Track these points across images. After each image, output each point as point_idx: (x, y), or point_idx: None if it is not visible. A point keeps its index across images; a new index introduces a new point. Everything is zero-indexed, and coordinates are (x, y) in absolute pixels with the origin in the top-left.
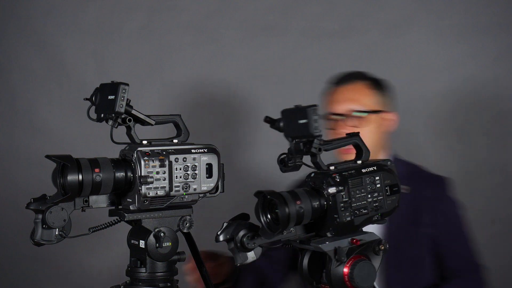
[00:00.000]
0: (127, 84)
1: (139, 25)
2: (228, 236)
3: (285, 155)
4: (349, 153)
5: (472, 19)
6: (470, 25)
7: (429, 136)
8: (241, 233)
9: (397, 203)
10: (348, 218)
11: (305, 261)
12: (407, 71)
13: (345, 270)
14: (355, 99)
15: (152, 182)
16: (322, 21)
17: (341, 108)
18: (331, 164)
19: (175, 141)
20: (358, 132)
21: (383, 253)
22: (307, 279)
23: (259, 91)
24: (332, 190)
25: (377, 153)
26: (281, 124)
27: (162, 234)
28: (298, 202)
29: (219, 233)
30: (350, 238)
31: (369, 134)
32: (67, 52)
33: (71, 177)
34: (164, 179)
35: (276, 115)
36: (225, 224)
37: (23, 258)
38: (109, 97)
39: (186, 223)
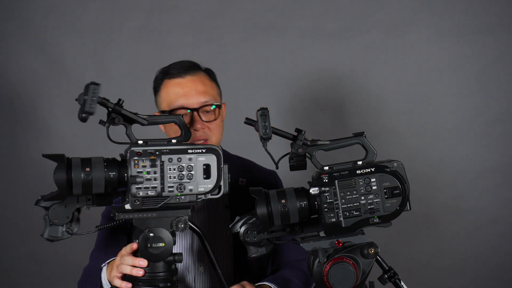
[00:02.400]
0: (97, 84)
1: (139, 25)
2: (237, 230)
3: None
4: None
5: (472, 19)
6: (470, 25)
7: (429, 136)
8: (243, 227)
9: (398, 206)
10: (333, 219)
11: (309, 257)
12: (407, 71)
13: (325, 269)
14: (205, 92)
15: (141, 182)
16: (322, 21)
17: (193, 102)
18: (330, 164)
19: (174, 141)
20: (363, 132)
21: (373, 256)
22: (310, 271)
23: (259, 91)
24: (314, 191)
25: None
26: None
27: (151, 235)
28: (283, 201)
29: (230, 226)
30: (335, 240)
31: (218, 128)
32: (67, 52)
33: (58, 175)
34: (155, 179)
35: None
36: (237, 218)
37: (23, 258)
38: (85, 97)
39: (180, 224)
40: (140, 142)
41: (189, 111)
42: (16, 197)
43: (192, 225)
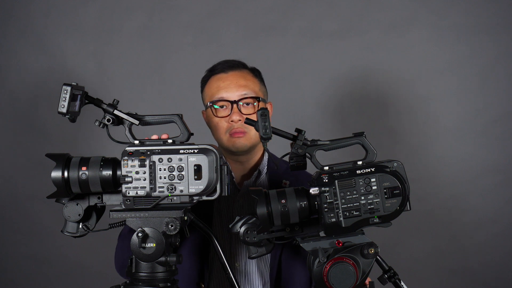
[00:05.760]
0: (69, 85)
1: (139, 25)
2: (237, 230)
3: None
4: (239, 137)
5: (472, 19)
6: (470, 25)
7: (429, 136)
8: (243, 227)
9: (398, 206)
10: (333, 219)
11: (309, 257)
12: (407, 71)
13: (325, 269)
14: (246, 85)
15: (130, 182)
16: (322, 21)
17: (233, 94)
18: (330, 164)
19: (170, 141)
20: (363, 132)
21: (373, 256)
22: (310, 271)
23: None
24: (314, 191)
25: (259, 145)
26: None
27: (139, 234)
28: (283, 201)
29: (230, 226)
30: (335, 240)
31: None
32: (67, 52)
33: (54, 174)
34: (145, 179)
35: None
36: (237, 218)
37: (23, 258)
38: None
39: (171, 225)
40: (136, 142)
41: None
42: (16, 197)
43: (202, 225)
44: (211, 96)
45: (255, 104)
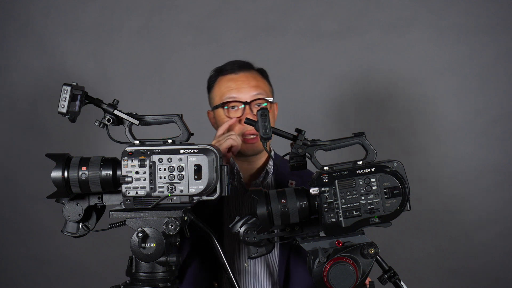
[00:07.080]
0: (69, 85)
1: (139, 25)
2: (237, 230)
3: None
4: (253, 143)
5: (472, 19)
6: (470, 25)
7: (429, 136)
8: (243, 227)
9: (398, 206)
10: (333, 219)
11: (309, 257)
12: (407, 71)
13: (325, 269)
14: (257, 86)
15: (130, 182)
16: (322, 21)
17: (245, 95)
18: (330, 164)
19: (170, 141)
20: (363, 132)
21: (373, 256)
22: (310, 271)
23: None
24: (314, 191)
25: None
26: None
27: (139, 234)
28: (283, 201)
29: (230, 226)
30: (335, 240)
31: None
32: (67, 52)
33: (54, 174)
34: (145, 179)
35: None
36: (237, 218)
37: (23, 258)
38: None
39: (171, 225)
40: (136, 142)
41: (242, 106)
42: (16, 197)
43: (202, 225)
44: (222, 96)
45: (264, 105)
